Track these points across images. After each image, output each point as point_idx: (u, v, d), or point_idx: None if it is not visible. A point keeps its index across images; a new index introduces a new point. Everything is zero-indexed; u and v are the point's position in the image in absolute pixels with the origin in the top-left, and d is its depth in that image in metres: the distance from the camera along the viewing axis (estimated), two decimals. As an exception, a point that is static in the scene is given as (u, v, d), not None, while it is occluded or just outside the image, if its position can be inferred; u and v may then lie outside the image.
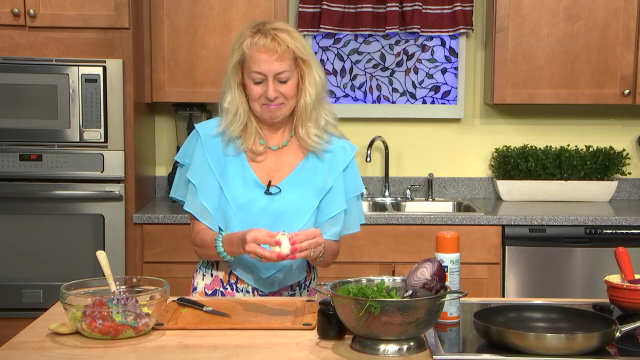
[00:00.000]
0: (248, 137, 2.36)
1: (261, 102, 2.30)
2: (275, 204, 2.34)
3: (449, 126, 4.35)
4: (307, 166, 2.38)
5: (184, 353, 1.86)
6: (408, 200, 4.26)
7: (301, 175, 2.38)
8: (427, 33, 4.20)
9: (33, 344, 1.92)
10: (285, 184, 2.36)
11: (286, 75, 2.28)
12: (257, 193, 2.34)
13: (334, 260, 2.44)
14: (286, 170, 2.38)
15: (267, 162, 2.38)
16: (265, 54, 2.25)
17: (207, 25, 3.91)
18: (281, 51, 2.25)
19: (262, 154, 2.38)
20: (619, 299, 2.12)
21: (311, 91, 2.32)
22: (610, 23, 3.93)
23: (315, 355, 1.84)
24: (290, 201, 2.34)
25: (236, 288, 2.40)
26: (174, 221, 3.70)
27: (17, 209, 3.65)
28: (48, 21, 3.63)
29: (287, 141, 2.40)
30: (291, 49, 2.27)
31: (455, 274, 2.10)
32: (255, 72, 2.27)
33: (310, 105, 2.33)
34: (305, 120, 2.35)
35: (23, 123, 3.62)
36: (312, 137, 2.36)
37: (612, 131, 4.32)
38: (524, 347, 1.79)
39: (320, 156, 2.39)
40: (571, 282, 3.74)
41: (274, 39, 2.25)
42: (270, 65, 2.26)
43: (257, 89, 2.29)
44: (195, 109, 4.10)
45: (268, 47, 2.25)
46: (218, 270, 2.42)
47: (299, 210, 2.34)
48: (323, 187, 2.37)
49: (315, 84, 2.32)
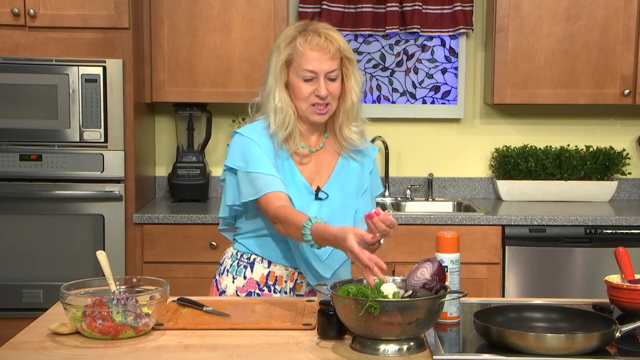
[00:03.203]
0: (293, 140, 2.34)
1: (310, 101, 2.29)
2: (325, 209, 2.34)
3: (449, 126, 4.35)
4: (344, 168, 2.40)
5: (184, 353, 1.86)
6: (408, 200, 4.26)
7: (340, 177, 2.39)
8: (427, 33, 4.20)
9: (33, 344, 1.92)
10: (328, 188, 2.37)
11: (335, 74, 2.29)
12: (309, 199, 2.34)
13: None
14: (325, 172, 2.39)
15: (310, 165, 2.38)
16: (318, 52, 2.26)
17: (207, 25, 3.91)
18: (334, 50, 2.27)
19: (306, 156, 2.37)
20: (619, 299, 2.12)
21: (357, 90, 2.34)
22: (610, 23, 3.93)
23: (315, 355, 1.84)
24: (337, 205, 2.35)
25: (274, 290, 2.38)
26: (174, 221, 3.70)
27: (17, 209, 3.65)
28: (48, 21, 3.63)
29: (323, 142, 2.41)
30: (342, 48, 2.29)
31: (455, 274, 2.10)
32: (307, 70, 2.27)
33: (357, 105, 2.36)
34: (351, 119, 2.36)
35: (23, 123, 3.62)
36: (354, 136, 2.37)
37: (612, 131, 4.32)
38: (524, 347, 1.79)
39: (354, 157, 2.41)
40: (571, 282, 3.74)
41: (327, 38, 2.27)
42: (323, 64, 2.26)
43: (307, 87, 2.28)
44: (195, 109, 4.10)
45: (322, 45, 2.26)
46: (253, 272, 2.39)
47: (344, 214, 2.35)
48: (360, 188, 2.40)
49: (358, 83, 2.35)
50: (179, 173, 4.07)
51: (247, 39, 3.92)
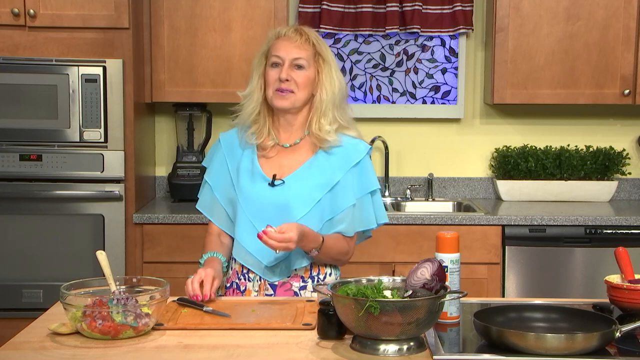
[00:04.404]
0: (262, 133, 2.45)
1: (274, 86, 2.39)
2: (279, 196, 2.40)
3: (449, 126, 4.35)
4: (315, 162, 2.43)
5: (184, 353, 1.86)
6: (408, 200, 4.26)
7: (308, 170, 2.43)
8: (427, 33, 4.20)
9: (33, 344, 1.92)
10: (290, 178, 2.42)
11: (302, 63, 2.39)
12: (262, 185, 2.41)
13: (346, 258, 2.49)
14: (295, 166, 2.44)
15: (277, 159, 2.45)
16: (286, 41, 2.41)
17: (207, 25, 3.91)
18: (302, 41, 2.41)
19: (272, 149, 2.45)
20: (619, 299, 2.12)
21: (328, 88, 2.41)
22: (610, 23, 3.93)
23: (315, 355, 1.84)
24: (293, 194, 2.39)
25: (248, 277, 2.45)
26: (174, 221, 3.70)
27: (17, 209, 3.65)
28: (48, 21, 3.63)
29: (299, 139, 2.45)
30: (312, 41, 2.42)
31: (455, 274, 2.10)
32: (274, 56, 2.39)
33: (326, 102, 2.41)
34: (320, 115, 2.42)
35: (23, 123, 3.62)
36: (324, 132, 2.41)
37: (612, 131, 4.32)
38: (524, 347, 1.79)
39: (330, 153, 2.43)
40: (571, 282, 3.74)
41: (297, 30, 2.43)
42: (289, 51, 2.39)
43: (274, 72, 2.40)
44: (195, 109, 4.10)
45: (290, 35, 2.42)
46: (235, 263, 2.49)
47: (301, 203, 2.39)
48: (328, 182, 2.41)
49: (332, 83, 2.42)
50: (179, 173, 4.07)
51: (247, 39, 3.92)
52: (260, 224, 2.34)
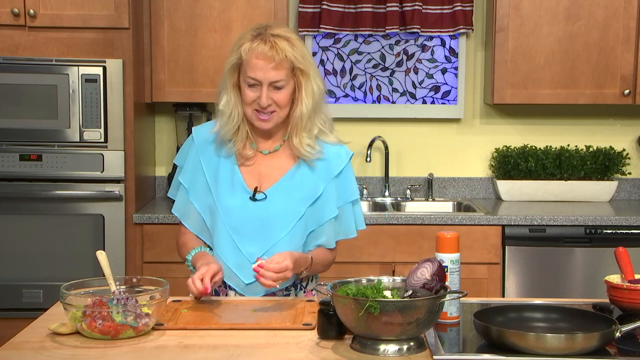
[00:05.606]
0: (239, 140, 2.36)
1: (253, 107, 2.30)
2: (261, 211, 2.33)
3: (449, 126, 4.35)
4: (297, 173, 2.37)
5: (184, 353, 1.86)
6: (408, 200, 4.26)
7: (290, 182, 2.36)
8: (427, 33, 4.19)
9: (33, 344, 1.92)
10: (272, 191, 2.35)
11: (281, 84, 2.27)
12: (243, 199, 2.34)
13: (327, 269, 2.45)
14: (276, 175, 2.37)
15: (257, 167, 2.38)
16: (263, 61, 2.24)
17: (207, 25, 3.91)
18: (279, 60, 2.24)
19: (251, 158, 2.38)
20: (619, 299, 2.12)
21: (307, 102, 2.30)
22: (610, 23, 3.93)
23: (315, 355, 1.84)
24: (276, 209, 2.34)
25: (229, 286, 2.38)
26: (174, 221, 3.67)
27: (17, 209, 3.65)
28: (48, 21, 3.63)
29: (279, 145, 2.39)
30: (289, 58, 2.25)
31: (455, 274, 2.10)
32: (250, 78, 2.26)
33: (306, 116, 2.32)
34: (300, 129, 2.33)
35: (23, 123, 3.62)
36: (305, 147, 2.33)
37: (612, 131, 4.32)
38: (524, 347, 1.79)
39: (312, 165, 2.36)
40: (571, 282, 3.74)
41: (273, 47, 2.23)
42: (266, 73, 2.24)
43: (250, 93, 2.28)
44: (195, 109, 4.10)
45: (266, 54, 2.23)
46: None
47: (284, 218, 2.34)
48: (312, 194, 2.35)
49: (313, 94, 2.31)
50: (179, 173, 4.06)
51: (247, 39, 3.91)
52: (240, 238, 2.31)
